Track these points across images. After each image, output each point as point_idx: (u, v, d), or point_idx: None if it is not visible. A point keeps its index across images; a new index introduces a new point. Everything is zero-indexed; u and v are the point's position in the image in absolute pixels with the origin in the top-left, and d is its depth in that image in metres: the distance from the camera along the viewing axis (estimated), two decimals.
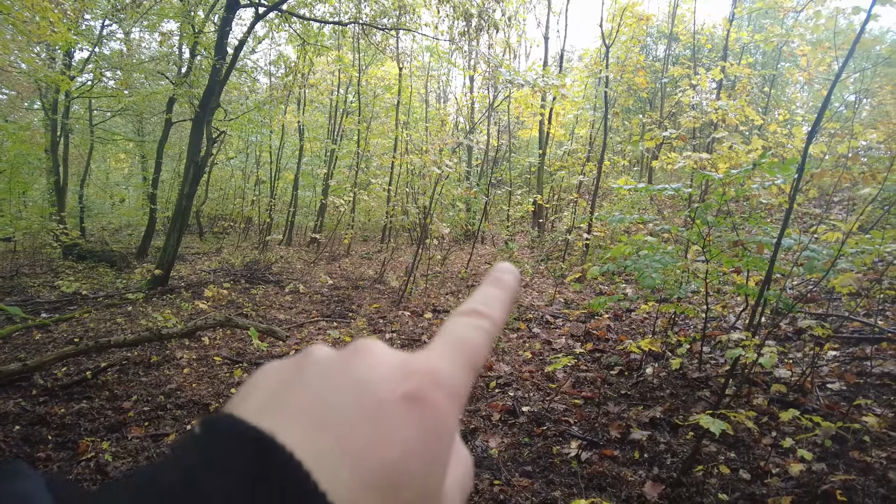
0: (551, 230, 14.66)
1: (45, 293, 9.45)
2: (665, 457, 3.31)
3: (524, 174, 20.63)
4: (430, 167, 8.27)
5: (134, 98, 15.65)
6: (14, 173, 13.96)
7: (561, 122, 17.77)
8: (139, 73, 16.40)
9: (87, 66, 15.74)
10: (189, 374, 5.21)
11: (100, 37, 15.59)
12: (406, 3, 11.71)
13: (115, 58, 16.66)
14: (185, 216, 10.09)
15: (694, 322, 6.34)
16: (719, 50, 18.14)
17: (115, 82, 17.25)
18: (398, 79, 16.56)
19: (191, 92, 12.55)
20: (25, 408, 4.21)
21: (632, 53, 15.26)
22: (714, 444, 3.42)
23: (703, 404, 4.05)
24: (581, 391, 4.38)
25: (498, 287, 0.38)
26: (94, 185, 22.95)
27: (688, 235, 4.75)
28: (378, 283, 10.20)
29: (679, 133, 7.37)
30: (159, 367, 5.43)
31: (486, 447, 3.50)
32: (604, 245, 10.58)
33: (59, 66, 14.43)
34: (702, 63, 17.82)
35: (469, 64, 17.91)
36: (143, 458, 3.46)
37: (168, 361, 5.58)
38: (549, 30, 16.36)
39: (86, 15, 13.62)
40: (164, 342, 6.17)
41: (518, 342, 5.99)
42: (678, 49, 19.57)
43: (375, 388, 0.28)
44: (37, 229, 13.42)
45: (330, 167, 17.20)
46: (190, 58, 13.84)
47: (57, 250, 13.73)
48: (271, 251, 14.88)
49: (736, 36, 14.29)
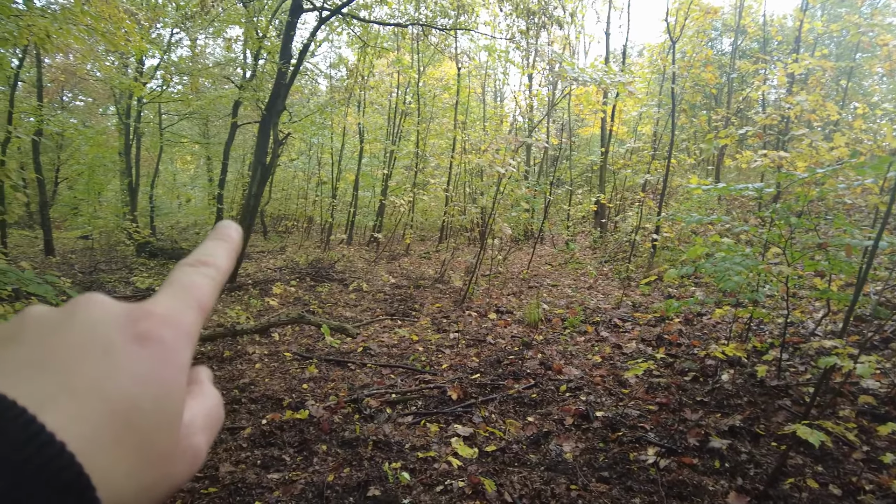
0: (614, 230, 14.36)
1: (121, 288, 9.94)
2: (748, 467, 3.18)
3: (585, 173, 20.30)
4: (494, 166, 8.22)
5: (201, 102, 16.26)
6: (91, 175, 14.78)
7: (623, 120, 17.40)
8: (205, 78, 17.03)
9: (156, 73, 16.49)
10: (261, 369, 5.37)
11: (169, 44, 16.31)
12: (465, 3, 11.70)
13: (183, 64, 17.40)
14: (251, 216, 10.41)
15: (769, 328, 6.08)
16: (790, 42, 17.34)
17: (183, 87, 18.00)
18: (457, 79, 16.58)
19: (256, 95, 12.95)
20: None
21: (699, 48, 14.79)
22: (799, 456, 3.27)
23: (784, 414, 3.88)
24: (655, 397, 4.27)
25: (221, 239, 0.41)
26: (163, 186, 23.99)
27: (768, 236, 4.55)
28: (439, 282, 10.24)
29: (756, 130, 7.07)
30: (232, 361, 5.61)
31: (561, 451, 3.46)
32: (672, 246, 10.28)
33: (131, 74, 15.16)
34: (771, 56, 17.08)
35: (528, 62, 17.75)
36: (221, 450, 3.57)
37: (240, 356, 5.76)
38: (611, 25, 16.01)
39: (157, 24, 14.24)
40: (237, 337, 6.39)
41: (586, 345, 5.89)
42: (745, 42, 18.79)
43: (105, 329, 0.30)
44: (112, 228, 14.13)
45: (389, 167, 17.40)
46: (254, 62, 14.29)
47: (130, 248, 14.44)
48: (334, 250, 15.18)
49: (809, 26, 13.61)
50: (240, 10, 13.10)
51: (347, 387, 4.81)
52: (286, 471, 3.30)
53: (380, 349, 6.03)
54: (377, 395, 4.55)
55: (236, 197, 20.34)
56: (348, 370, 5.35)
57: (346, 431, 3.81)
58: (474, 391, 4.59)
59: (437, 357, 5.72)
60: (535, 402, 4.34)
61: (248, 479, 3.18)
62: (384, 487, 3.06)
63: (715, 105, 17.96)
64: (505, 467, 3.31)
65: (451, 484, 3.07)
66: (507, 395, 4.47)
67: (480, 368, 5.23)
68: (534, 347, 5.86)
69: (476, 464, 3.34)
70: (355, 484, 3.10)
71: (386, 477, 3.16)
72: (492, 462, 3.38)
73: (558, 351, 5.72)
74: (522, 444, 3.62)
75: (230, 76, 16.02)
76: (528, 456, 3.44)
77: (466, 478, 3.11)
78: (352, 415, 4.15)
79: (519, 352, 5.74)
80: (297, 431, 3.83)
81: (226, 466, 3.32)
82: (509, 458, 3.43)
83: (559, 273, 11.24)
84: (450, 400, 4.38)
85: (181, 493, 3.00)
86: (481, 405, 4.25)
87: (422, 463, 3.36)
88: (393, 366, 5.40)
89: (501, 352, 5.79)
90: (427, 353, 5.84)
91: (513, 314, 7.60)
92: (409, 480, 3.14)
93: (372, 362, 5.52)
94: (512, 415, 4.13)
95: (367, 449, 3.56)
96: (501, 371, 5.13)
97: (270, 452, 3.53)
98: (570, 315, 7.12)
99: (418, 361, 5.56)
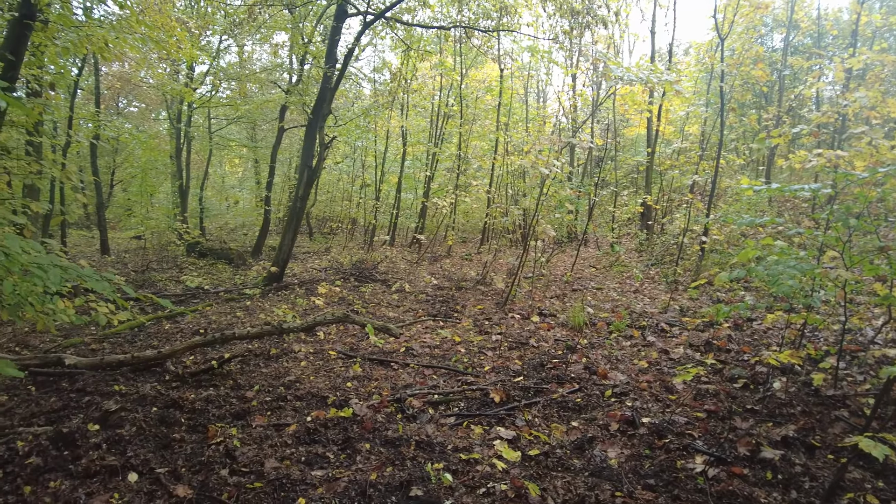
0: (661, 233, 14.07)
1: (172, 287, 10.25)
2: (802, 480, 3.07)
3: (630, 174, 19.95)
4: (537, 167, 8.16)
5: (248, 107, 16.67)
6: (144, 177, 15.34)
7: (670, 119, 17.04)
8: (253, 83, 17.46)
9: (206, 78, 17.01)
10: (306, 367, 5.46)
11: (217, 51, 16.80)
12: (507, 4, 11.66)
13: (231, 69, 17.90)
14: (298, 217, 10.61)
15: (825, 335, 5.85)
16: (846, 36, 16.66)
17: (232, 92, 18.52)
18: (499, 80, 16.53)
19: (302, 100, 13.21)
20: (161, 391, 4.56)
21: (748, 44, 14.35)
22: (858, 470, 3.13)
23: (841, 425, 3.72)
24: (703, 404, 4.15)
25: None
26: (212, 188, 24.71)
27: (824, 239, 4.38)
28: (480, 284, 10.22)
29: (811, 129, 6.81)
30: (278, 359, 5.72)
31: (605, 457, 3.40)
32: (721, 249, 10.00)
33: (182, 80, 15.67)
34: (826, 51, 16.45)
35: (571, 62, 17.57)
36: (267, 446, 3.64)
37: (286, 354, 5.87)
38: (656, 23, 15.68)
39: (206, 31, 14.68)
40: (283, 336, 6.52)
41: (632, 350, 5.79)
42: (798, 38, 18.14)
43: None
44: (163, 228, 14.60)
45: (431, 170, 17.48)
46: (300, 67, 14.57)
47: (181, 248, 14.91)
48: (377, 251, 15.34)
49: (867, 19, 13.04)
50: (286, 16, 13.39)
51: (390, 386, 4.84)
52: (330, 468, 3.34)
53: (422, 350, 6.05)
54: (420, 395, 4.57)
55: (283, 199, 20.77)
56: (391, 370, 5.39)
57: (389, 430, 3.83)
58: (517, 394, 4.56)
59: (480, 359, 5.71)
60: (580, 406, 4.29)
61: (293, 475, 3.22)
62: (426, 488, 3.06)
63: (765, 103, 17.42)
64: (548, 472, 3.27)
65: (494, 487, 3.05)
66: (550, 399, 4.42)
67: (523, 371, 5.20)
68: (578, 351, 5.79)
69: (519, 467, 3.31)
70: (398, 483, 3.11)
71: (428, 477, 3.17)
72: (535, 466, 3.34)
73: (603, 355, 5.63)
74: (566, 448, 3.57)
75: (277, 81, 16.39)
76: (571, 461, 3.40)
77: (509, 481, 3.09)
78: (395, 414, 4.18)
79: (563, 355, 5.68)
80: (341, 429, 3.88)
81: (271, 462, 3.38)
82: (553, 462, 3.39)
83: (604, 276, 11.08)
84: (492, 402, 4.36)
85: (227, 486, 3.07)
86: (524, 408, 4.22)
87: (464, 464, 3.35)
88: (435, 366, 5.42)
89: (545, 355, 5.73)
90: (469, 355, 5.83)
91: (556, 317, 7.52)
92: (451, 482, 3.13)
93: (414, 362, 5.55)
94: (556, 419, 4.09)
95: (409, 449, 3.57)
96: (545, 375, 5.08)
97: (315, 449, 3.58)
98: (615, 319, 7.01)
99: (460, 363, 5.56)
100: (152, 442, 3.64)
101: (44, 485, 3.08)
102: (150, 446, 3.57)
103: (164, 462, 3.38)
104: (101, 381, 4.78)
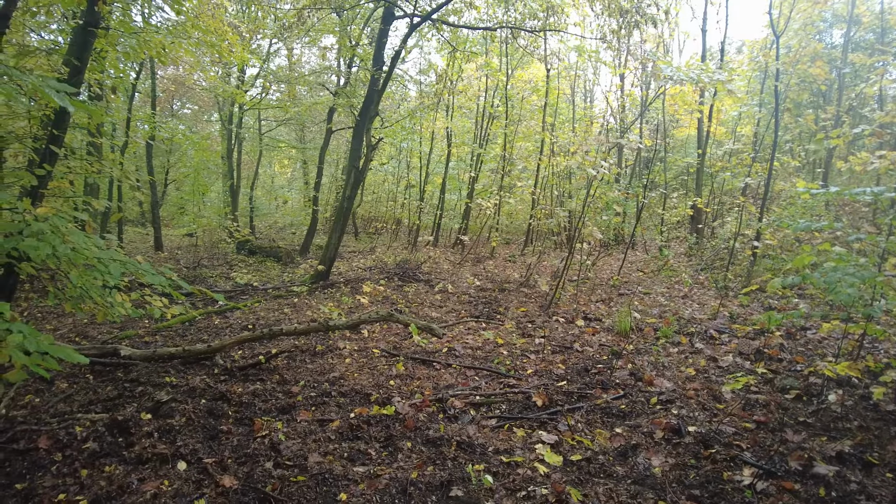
0: (711, 237, 13.70)
1: (222, 283, 10.56)
2: (858, 498, 2.94)
3: (680, 176, 19.50)
4: (585, 168, 8.05)
5: (297, 108, 17.03)
6: (197, 177, 15.83)
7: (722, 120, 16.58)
8: (302, 86, 17.82)
9: (256, 81, 17.47)
10: (350, 364, 5.54)
11: (268, 54, 17.24)
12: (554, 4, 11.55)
13: (281, 72, 18.32)
14: (345, 217, 10.78)
15: (885, 346, 5.59)
16: None
17: (281, 94, 18.96)
18: (545, 80, 16.39)
19: (349, 102, 13.42)
20: (209, 384, 4.71)
21: (806, 41, 13.84)
22: None
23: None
24: (753, 414, 4.03)
25: None
26: (262, 188, 25.32)
27: (887, 245, 4.19)
28: (524, 286, 10.16)
29: (873, 129, 6.52)
30: (323, 356, 5.82)
31: (649, 465, 3.34)
32: (774, 255, 9.67)
33: (234, 82, 16.13)
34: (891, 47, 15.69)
35: (620, 61, 17.28)
36: (311, 441, 3.71)
37: (331, 351, 5.97)
38: (707, 21, 15.26)
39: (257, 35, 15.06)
40: (328, 333, 6.64)
41: (679, 357, 5.66)
42: (859, 33, 17.36)
43: None
44: (215, 226, 15.03)
45: (476, 171, 17.48)
46: (347, 69, 14.80)
47: (231, 245, 15.34)
48: (420, 251, 15.44)
49: None
50: (334, 19, 13.61)
51: (432, 386, 4.87)
52: (371, 465, 3.39)
53: (464, 350, 6.06)
54: (461, 395, 4.58)
55: (330, 199, 21.13)
56: (433, 369, 5.42)
57: (431, 430, 3.85)
58: (560, 398, 4.52)
59: (522, 362, 5.68)
60: (624, 413, 4.22)
61: (335, 470, 3.28)
62: (466, 489, 3.07)
63: (823, 103, 16.76)
64: (590, 478, 3.24)
65: (535, 490, 3.03)
66: (594, 405, 4.37)
67: (567, 376, 5.15)
68: (624, 357, 5.70)
69: (560, 472, 3.29)
70: (438, 483, 3.13)
71: (469, 478, 3.18)
72: (577, 471, 3.31)
73: (649, 362, 5.52)
74: (609, 455, 3.52)
75: (325, 83, 16.68)
76: (614, 468, 3.35)
77: (550, 485, 3.07)
78: (436, 414, 4.20)
79: (608, 361, 5.60)
80: (384, 427, 3.92)
81: (314, 457, 3.44)
82: (595, 468, 3.35)
83: (651, 280, 10.86)
84: (534, 406, 4.34)
85: (272, 478, 3.15)
86: (567, 413, 4.18)
87: (505, 467, 3.35)
88: (477, 368, 5.42)
89: (589, 360, 5.67)
90: (511, 357, 5.82)
91: (601, 322, 7.41)
92: (491, 483, 3.13)
93: (457, 363, 5.56)
94: (599, 425, 4.04)
95: (450, 449, 3.59)
96: (589, 380, 5.02)
97: (357, 446, 3.64)
98: (662, 325, 6.87)
99: (503, 365, 5.55)
100: (201, 433, 3.77)
101: (99, 469, 3.23)
102: (198, 437, 3.70)
103: (212, 452, 3.49)
104: (153, 372, 4.98)
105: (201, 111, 23.73)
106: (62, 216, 3.27)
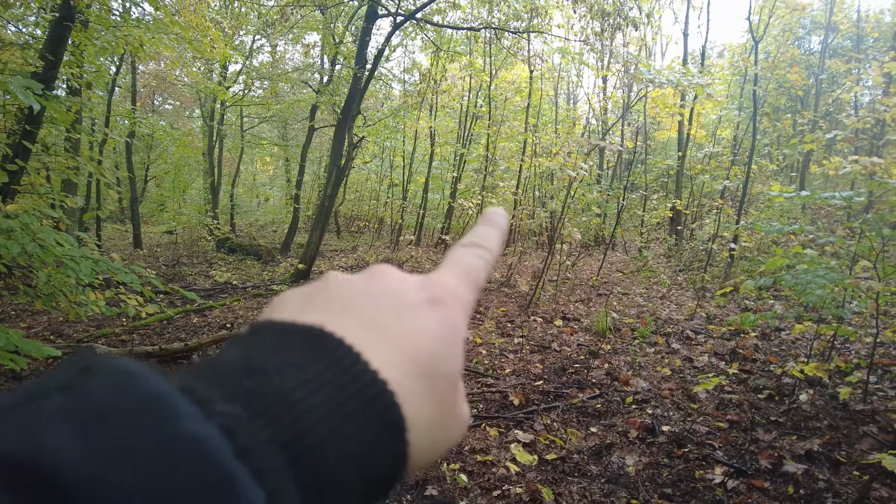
0: (690, 238, 13.85)
1: (201, 281, 10.45)
2: (825, 496, 3.00)
3: (660, 178, 19.69)
4: (565, 170, 8.10)
5: (280, 106, 16.92)
6: (177, 174, 15.69)
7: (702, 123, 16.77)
8: (285, 83, 17.73)
9: (239, 78, 17.32)
10: None
11: (251, 50, 17.10)
12: (538, 6, 11.62)
13: (264, 69, 18.19)
14: (326, 215, 10.73)
15: (855, 347, 5.70)
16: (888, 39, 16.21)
17: (264, 91, 18.83)
18: (528, 81, 16.46)
19: (332, 100, 13.36)
20: None
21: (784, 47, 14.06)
22: (885, 487, 3.04)
23: (869, 441, 3.63)
24: (726, 414, 4.09)
25: (492, 226, 0.44)
26: (243, 186, 25.13)
27: (857, 249, 4.27)
28: (504, 286, 10.20)
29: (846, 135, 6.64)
30: None
31: (623, 464, 3.37)
32: (750, 256, 9.81)
33: (216, 79, 15.98)
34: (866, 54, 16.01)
35: (602, 64, 17.40)
36: None
37: None
38: (689, 25, 15.45)
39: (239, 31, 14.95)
40: None
41: (656, 357, 5.72)
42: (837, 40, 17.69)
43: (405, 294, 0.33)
44: (194, 224, 14.90)
45: (459, 171, 17.49)
46: (331, 67, 14.75)
47: (211, 243, 15.19)
48: (403, 250, 15.41)
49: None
50: (317, 16, 13.56)
51: None
52: None
53: None
54: None
55: (312, 197, 21.01)
56: None
57: None
58: (537, 398, 4.55)
59: (501, 361, 5.70)
60: (599, 412, 4.26)
61: None
62: (441, 488, 3.08)
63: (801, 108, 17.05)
64: (564, 477, 3.26)
65: (509, 489, 3.05)
66: (570, 404, 4.40)
67: (544, 375, 5.18)
68: (600, 357, 5.74)
69: (535, 471, 3.31)
70: (413, 482, 3.13)
71: (444, 477, 3.19)
72: (551, 470, 3.34)
73: (626, 361, 5.57)
74: (584, 454, 3.55)
75: (308, 81, 16.61)
76: (588, 467, 3.38)
77: (524, 484, 3.09)
78: None
79: (585, 361, 5.64)
80: None
81: None
82: (569, 467, 3.38)
83: (630, 281, 10.95)
84: (511, 405, 4.36)
85: None
86: (543, 412, 4.21)
87: (480, 466, 3.36)
88: None
89: (566, 360, 5.70)
90: (490, 357, 5.83)
91: (580, 322, 7.46)
92: (466, 482, 3.14)
93: None
94: (574, 424, 4.07)
95: None
96: (566, 379, 5.05)
97: None
98: (640, 325, 6.93)
99: (481, 364, 5.56)
100: None
101: None
102: None
103: None
104: None
105: (183, 107, 23.48)
106: (33, 213, 3.23)
